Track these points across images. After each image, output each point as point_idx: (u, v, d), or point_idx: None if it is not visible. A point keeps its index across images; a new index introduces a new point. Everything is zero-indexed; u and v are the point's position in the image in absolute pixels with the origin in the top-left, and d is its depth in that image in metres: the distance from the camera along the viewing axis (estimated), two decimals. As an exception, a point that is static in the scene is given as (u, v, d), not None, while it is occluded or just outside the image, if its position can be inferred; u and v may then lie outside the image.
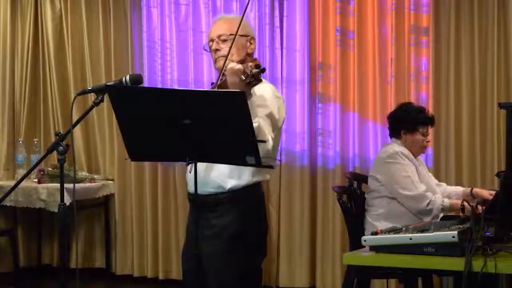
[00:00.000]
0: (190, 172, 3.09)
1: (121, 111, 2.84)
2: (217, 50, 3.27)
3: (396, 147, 4.47)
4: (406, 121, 4.53)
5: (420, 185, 4.37)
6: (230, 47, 3.17)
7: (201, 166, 3.05)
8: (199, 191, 3.02)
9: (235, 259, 3.17)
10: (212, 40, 3.31)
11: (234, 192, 3.19)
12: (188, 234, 3.39)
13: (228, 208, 3.19)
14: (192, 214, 3.34)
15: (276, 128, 3.16)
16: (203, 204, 3.17)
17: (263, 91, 3.13)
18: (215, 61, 3.31)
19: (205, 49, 3.41)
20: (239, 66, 2.87)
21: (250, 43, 3.34)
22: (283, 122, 3.29)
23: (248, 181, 3.20)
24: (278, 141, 3.30)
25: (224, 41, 3.27)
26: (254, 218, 3.23)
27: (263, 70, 2.85)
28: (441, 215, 4.28)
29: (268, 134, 3.02)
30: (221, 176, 3.19)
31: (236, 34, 3.19)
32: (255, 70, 2.82)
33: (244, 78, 2.82)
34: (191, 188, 3.28)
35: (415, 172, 4.41)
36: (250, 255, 3.21)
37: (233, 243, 3.17)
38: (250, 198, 3.22)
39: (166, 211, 6.11)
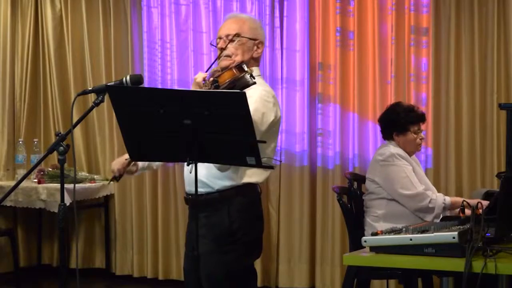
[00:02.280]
0: (190, 173, 3.09)
1: (121, 111, 2.84)
2: (222, 49, 3.28)
3: (392, 148, 4.45)
4: (396, 123, 4.50)
5: (419, 184, 4.37)
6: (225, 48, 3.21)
7: (192, 166, 3.04)
8: (191, 190, 3.01)
9: (224, 259, 3.17)
10: (220, 38, 3.32)
11: (222, 192, 3.19)
12: (187, 234, 3.41)
13: (217, 208, 3.20)
14: (189, 214, 3.35)
15: (259, 132, 3.04)
16: (196, 204, 3.18)
17: (251, 95, 3.03)
18: (219, 59, 3.31)
19: (212, 44, 3.41)
20: (200, 78, 3.14)
21: (257, 47, 3.33)
22: (275, 124, 3.23)
23: (237, 182, 3.20)
24: (274, 143, 3.29)
25: (231, 41, 3.27)
26: (245, 219, 3.22)
27: (217, 87, 3.11)
28: (441, 214, 4.28)
29: None
30: (210, 177, 3.20)
31: (241, 36, 3.20)
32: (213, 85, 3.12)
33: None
34: (187, 188, 3.29)
35: (412, 172, 4.41)
36: (240, 256, 3.21)
37: (222, 243, 3.17)
38: (240, 199, 3.21)
39: (166, 211, 6.10)
